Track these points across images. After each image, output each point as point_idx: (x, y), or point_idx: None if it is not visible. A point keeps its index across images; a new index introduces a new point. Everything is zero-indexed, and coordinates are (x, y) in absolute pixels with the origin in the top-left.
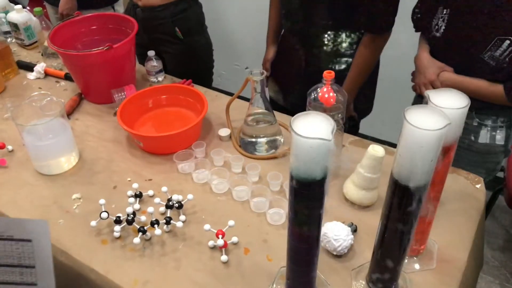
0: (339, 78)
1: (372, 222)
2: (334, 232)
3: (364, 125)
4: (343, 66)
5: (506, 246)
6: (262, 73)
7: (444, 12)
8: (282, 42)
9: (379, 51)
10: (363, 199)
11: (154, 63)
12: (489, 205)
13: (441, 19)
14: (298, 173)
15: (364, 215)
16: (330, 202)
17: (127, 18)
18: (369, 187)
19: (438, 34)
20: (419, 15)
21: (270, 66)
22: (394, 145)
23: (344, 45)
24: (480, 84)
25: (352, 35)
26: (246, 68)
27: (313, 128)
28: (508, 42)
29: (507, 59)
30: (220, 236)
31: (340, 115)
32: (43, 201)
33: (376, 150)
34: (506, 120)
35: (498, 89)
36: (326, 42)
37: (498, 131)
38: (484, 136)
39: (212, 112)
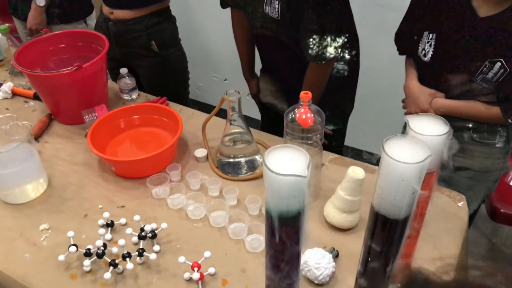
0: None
1: (354, 245)
2: (315, 260)
3: (347, 137)
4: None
5: (488, 256)
6: (238, 92)
7: (430, 37)
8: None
9: (324, 76)
10: (344, 222)
11: (127, 81)
12: (472, 215)
13: (427, 44)
14: (275, 210)
15: (346, 238)
16: (310, 225)
17: (97, 35)
18: (350, 209)
19: (426, 59)
20: (403, 40)
21: (259, 98)
22: (375, 155)
23: (330, 49)
24: (476, 107)
25: (337, 39)
26: (225, 80)
27: (288, 163)
28: (499, 64)
29: (500, 79)
30: (195, 268)
31: (318, 135)
32: (8, 233)
33: (357, 172)
34: (504, 137)
35: (494, 111)
36: (311, 46)
37: (496, 149)
38: (482, 155)
39: (188, 131)
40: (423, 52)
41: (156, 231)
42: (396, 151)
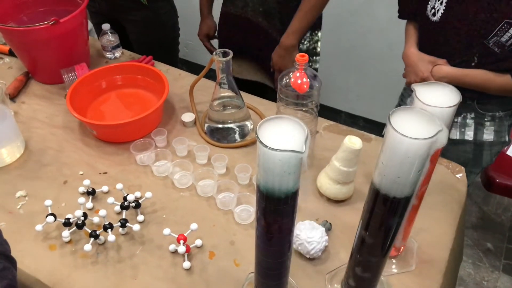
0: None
1: (348, 218)
2: (307, 234)
3: (339, 100)
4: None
5: (479, 224)
6: (228, 53)
7: None
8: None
9: None
10: (338, 193)
11: (110, 38)
12: None
13: (438, 1)
14: (266, 187)
15: (339, 210)
16: (302, 196)
17: None
18: (344, 181)
19: (434, 18)
20: None
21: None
22: (370, 122)
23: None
24: (484, 76)
25: None
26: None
27: (283, 136)
28: None
29: None
30: (181, 241)
31: (314, 102)
32: None
33: (353, 142)
34: (509, 110)
35: (506, 80)
36: (303, 41)
37: (500, 123)
38: (485, 129)
39: (175, 94)
40: (432, 10)
41: (140, 201)
42: (403, 125)
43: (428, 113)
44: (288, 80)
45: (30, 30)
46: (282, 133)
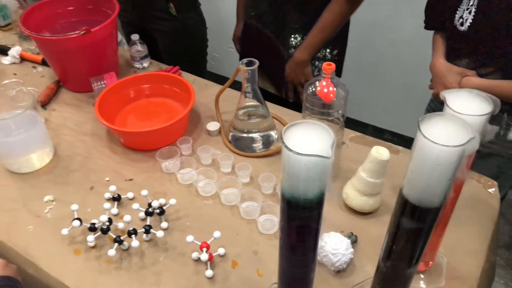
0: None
1: (374, 231)
2: (332, 245)
3: (365, 113)
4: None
5: (511, 243)
6: (254, 63)
7: (471, 3)
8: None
9: (352, 10)
10: (365, 205)
11: (139, 48)
12: None
13: (466, 11)
14: (291, 194)
15: (365, 223)
16: (327, 207)
17: None
18: (371, 192)
19: (462, 28)
20: (435, 8)
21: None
22: (396, 135)
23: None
24: None
25: None
26: None
27: (309, 141)
28: None
29: None
30: (204, 249)
31: (340, 111)
32: (12, 204)
33: (381, 152)
34: None
35: None
36: (294, 45)
37: None
38: None
39: (200, 103)
40: (460, 20)
41: (164, 207)
42: (433, 132)
43: (460, 119)
44: (314, 89)
45: (62, 39)
46: (308, 138)
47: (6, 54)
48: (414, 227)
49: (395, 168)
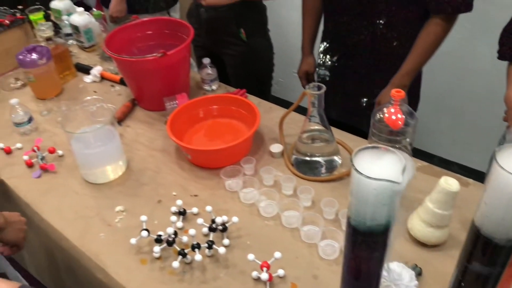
0: None
1: (440, 265)
2: (395, 276)
3: (431, 144)
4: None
5: None
6: (320, 88)
7: None
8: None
9: (450, 29)
10: (431, 237)
11: (209, 71)
12: None
13: None
14: (358, 217)
15: (431, 256)
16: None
17: (183, 23)
18: (438, 224)
19: None
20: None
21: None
22: (465, 168)
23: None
24: None
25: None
26: None
27: (379, 166)
28: None
29: None
30: (264, 268)
31: (408, 139)
32: (86, 211)
33: (450, 183)
34: None
35: None
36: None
37: None
38: None
39: (265, 125)
40: None
41: (226, 224)
42: (511, 163)
43: None
44: (381, 115)
45: (141, 60)
46: (378, 163)
47: (88, 73)
48: (485, 263)
49: (465, 201)
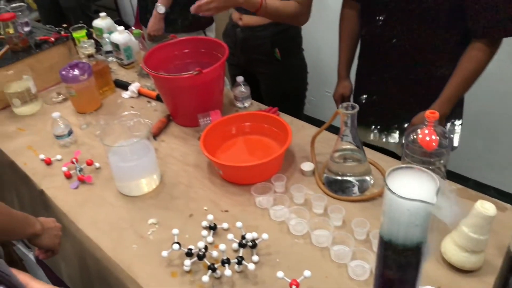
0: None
1: None
2: None
3: (466, 167)
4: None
5: None
6: (353, 107)
7: None
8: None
9: (493, 54)
10: (466, 262)
11: (243, 89)
12: None
13: None
14: (390, 237)
15: (465, 281)
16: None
17: (218, 42)
18: (473, 249)
19: None
20: None
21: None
22: (502, 193)
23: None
24: None
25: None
26: None
27: (413, 186)
28: None
29: None
30: (294, 287)
31: (442, 161)
32: (120, 223)
33: (486, 208)
34: None
35: None
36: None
37: None
38: None
39: (296, 144)
40: None
41: (256, 241)
42: None
43: None
44: (415, 137)
45: (177, 78)
46: (412, 183)
47: (127, 89)
48: None
49: (502, 226)
